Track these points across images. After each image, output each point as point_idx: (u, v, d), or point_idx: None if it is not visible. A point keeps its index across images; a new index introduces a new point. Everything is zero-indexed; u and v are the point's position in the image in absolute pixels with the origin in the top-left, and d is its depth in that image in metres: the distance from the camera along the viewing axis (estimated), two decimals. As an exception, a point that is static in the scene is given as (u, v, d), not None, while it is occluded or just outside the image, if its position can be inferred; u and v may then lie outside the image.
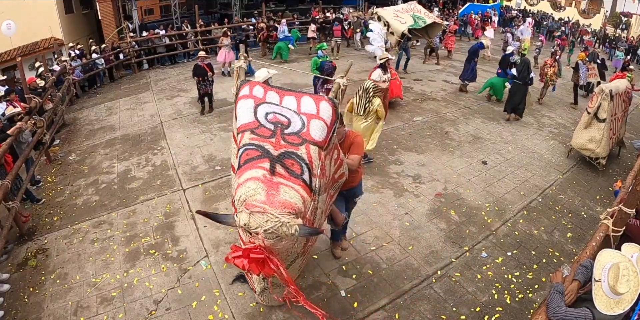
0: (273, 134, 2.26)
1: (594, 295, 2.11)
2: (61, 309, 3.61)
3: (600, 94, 5.90)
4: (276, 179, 2.08)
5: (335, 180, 2.88)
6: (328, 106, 2.46)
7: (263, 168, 2.10)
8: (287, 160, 2.17)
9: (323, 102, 2.46)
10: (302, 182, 2.14)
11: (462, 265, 4.11)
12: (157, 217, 4.87)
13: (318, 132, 2.34)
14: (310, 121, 2.37)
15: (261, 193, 2.00)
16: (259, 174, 2.07)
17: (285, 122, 2.34)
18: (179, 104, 8.94)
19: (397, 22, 10.33)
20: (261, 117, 2.34)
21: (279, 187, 2.04)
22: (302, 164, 2.17)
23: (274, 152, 2.18)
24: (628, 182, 3.83)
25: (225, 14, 17.01)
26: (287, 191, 2.04)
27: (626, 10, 21.05)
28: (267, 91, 2.50)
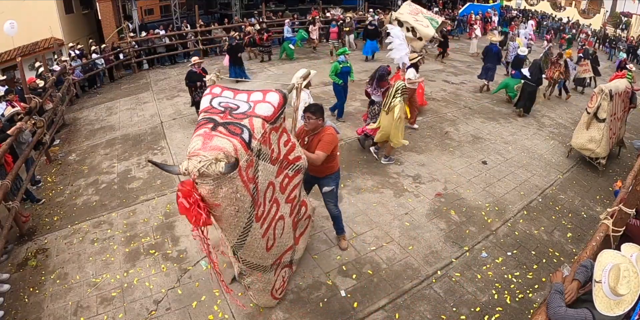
0: (222, 112, 2.67)
1: (594, 296, 2.10)
2: (61, 309, 3.61)
3: (600, 94, 5.90)
4: (214, 133, 2.42)
5: (289, 161, 3.17)
6: (275, 94, 2.85)
7: (207, 127, 2.48)
8: (229, 125, 2.51)
9: (270, 93, 2.85)
10: (239, 138, 2.43)
11: (462, 265, 4.11)
12: (157, 217, 4.87)
13: (263, 110, 2.72)
14: (257, 104, 2.76)
15: (199, 143, 2.34)
16: (201, 132, 2.45)
17: (234, 107, 2.74)
18: (179, 104, 8.94)
19: (421, 26, 9.54)
20: (215, 104, 2.78)
21: (213, 137, 2.38)
22: (243, 128, 2.50)
23: (219, 120, 2.57)
24: (628, 182, 3.83)
25: (225, 14, 17.02)
26: (219, 140, 2.36)
27: (626, 10, 21.07)
28: (223, 90, 2.90)
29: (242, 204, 2.57)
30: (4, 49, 12.11)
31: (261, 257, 3.06)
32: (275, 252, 3.26)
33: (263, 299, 3.44)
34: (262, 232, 2.94)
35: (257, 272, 3.17)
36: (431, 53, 13.56)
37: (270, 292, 3.38)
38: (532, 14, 23.03)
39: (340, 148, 6.48)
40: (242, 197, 2.55)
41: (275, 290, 3.44)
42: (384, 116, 5.60)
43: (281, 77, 10.54)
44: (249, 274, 3.19)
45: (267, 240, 3.04)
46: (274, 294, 3.44)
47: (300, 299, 3.65)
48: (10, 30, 9.76)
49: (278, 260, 3.35)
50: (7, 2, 12.00)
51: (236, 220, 2.62)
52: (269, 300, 3.45)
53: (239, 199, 2.52)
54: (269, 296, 3.41)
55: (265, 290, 3.35)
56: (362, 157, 6.25)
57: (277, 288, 3.48)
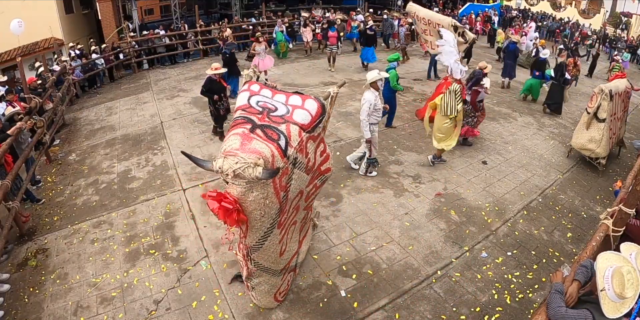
0: (260, 113, 2.64)
1: (601, 304, 2.10)
2: (61, 309, 3.61)
3: (600, 94, 5.90)
4: (252, 135, 2.40)
5: (321, 172, 3.13)
6: (314, 102, 2.81)
7: (245, 128, 2.46)
8: (267, 129, 2.48)
9: (309, 100, 2.81)
10: (276, 144, 2.41)
11: (462, 265, 4.11)
12: (157, 217, 4.87)
13: (301, 117, 2.68)
14: (295, 110, 2.72)
15: (237, 143, 2.33)
16: (239, 131, 2.43)
17: (272, 108, 2.69)
18: (179, 104, 8.94)
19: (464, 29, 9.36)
20: (253, 103, 2.72)
21: (252, 139, 2.37)
22: (280, 134, 2.48)
23: (257, 122, 2.54)
24: (628, 182, 3.83)
25: (225, 14, 17.02)
26: (258, 143, 2.35)
27: (626, 10, 21.07)
28: (262, 88, 2.87)
29: (269, 210, 2.56)
30: (4, 49, 12.12)
31: (274, 261, 3.06)
32: (286, 257, 3.27)
33: (265, 301, 3.43)
34: (279, 238, 2.94)
35: (267, 275, 3.15)
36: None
37: (274, 295, 3.39)
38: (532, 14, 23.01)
39: (341, 148, 6.50)
40: (271, 203, 2.53)
41: (279, 293, 3.45)
42: (442, 118, 5.63)
43: (282, 77, 10.54)
44: (257, 275, 3.15)
45: (282, 245, 3.06)
46: (277, 297, 3.44)
47: (300, 299, 3.65)
48: (17, 29, 9.76)
49: (287, 264, 3.36)
50: (7, 2, 12.00)
51: (259, 225, 2.61)
52: (270, 302, 3.45)
53: (267, 205, 2.51)
54: (271, 298, 3.41)
55: (269, 293, 3.34)
56: (362, 157, 6.25)
57: (282, 291, 3.49)
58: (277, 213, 2.66)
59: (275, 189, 2.51)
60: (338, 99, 3.95)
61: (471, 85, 6.38)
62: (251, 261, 2.99)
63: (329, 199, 5.13)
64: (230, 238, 2.71)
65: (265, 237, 2.74)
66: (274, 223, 2.70)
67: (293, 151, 2.57)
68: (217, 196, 2.33)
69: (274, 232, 2.77)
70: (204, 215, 4.85)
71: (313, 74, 11.07)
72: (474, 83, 6.37)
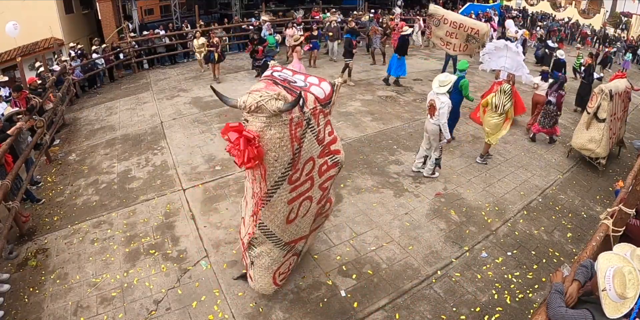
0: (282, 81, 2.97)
1: (602, 305, 2.10)
2: (61, 309, 3.61)
3: (600, 94, 5.90)
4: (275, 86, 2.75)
5: (331, 151, 3.26)
6: (327, 84, 3.15)
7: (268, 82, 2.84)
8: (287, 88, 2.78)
9: (324, 82, 3.16)
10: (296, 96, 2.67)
11: (462, 265, 4.11)
12: (157, 217, 4.87)
13: (316, 91, 3.00)
14: (312, 86, 3.04)
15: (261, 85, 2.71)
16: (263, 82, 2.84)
17: (292, 80, 3.04)
18: (179, 104, 8.94)
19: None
20: (275, 74, 3.08)
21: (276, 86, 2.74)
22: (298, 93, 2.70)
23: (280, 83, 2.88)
24: (628, 182, 3.83)
25: (225, 14, 17.01)
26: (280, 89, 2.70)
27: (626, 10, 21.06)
28: (284, 69, 3.23)
29: (283, 155, 2.69)
30: (4, 49, 12.11)
31: (279, 225, 3.06)
32: (292, 231, 3.24)
33: (263, 281, 3.40)
34: (289, 198, 2.96)
35: (270, 243, 3.14)
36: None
37: (273, 274, 3.36)
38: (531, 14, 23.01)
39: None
40: (285, 148, 2.68)
41: (278, 274, 3.42)
42: (491, 114, 5.87)
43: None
44: (259, 243, 3.14)
45: (290, 210, 3.05)
46: (275, 278, 3.41)
47: (300, 299, 3.65)
48: (12, 32, 9.77)
49: (293, 242, 3.34)
50: (7, 2, 12.00)
51: (271, 170, 2.72)
52: (268, 283, 3.42)
53: (281, 146, 2.65)
54: (270, 278, 3.38)
55: (269, 269, 3.31)
56: (362, 157, 6.25)
57: (282, 272, 3.46)
58: (289, 163, 2.77)
59: (291, 134, 2.67)
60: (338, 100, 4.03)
61: (557, 88, 6.79)
62: (257, 223, 3.00)
63: (329, 199, 5.13)
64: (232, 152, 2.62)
65: (276, 186, 2.81)
66: (286, 173, 2.79)
67: (308, 111, 2.81)
68: (239, 126, 2.50)
69: (284, 186, 2.84)
70: (204, 215, 4.85)
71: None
72: (559, 86, 6.81)
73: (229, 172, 5.84)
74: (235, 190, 5.37)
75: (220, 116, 8.00)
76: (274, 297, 3.65)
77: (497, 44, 7.89)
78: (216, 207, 5.02)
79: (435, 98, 5.09)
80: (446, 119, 5.10)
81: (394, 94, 9.50)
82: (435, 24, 10.17)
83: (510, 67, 7.60)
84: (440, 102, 5.03)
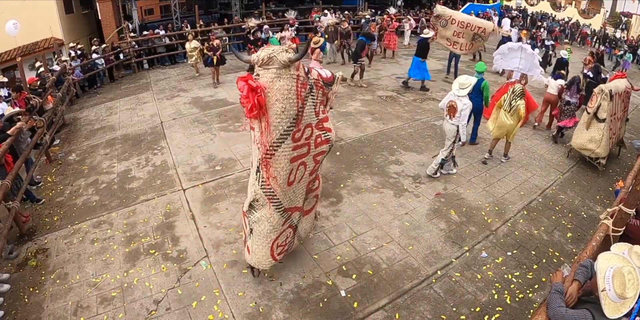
0: None
1: (602, 305, 2.10)
2: (61, 309, 3.61)
3: (600, 94, 5.90)
4: None
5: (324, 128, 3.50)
6: (329, 71, 3.65)
7: None
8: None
9: (325, 69, 3.73)
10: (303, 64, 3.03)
11: (462, 265, 4.11)
12: (157, 217, 4.87)
13: (319, 71, 3.48)
14: (315, 68, 3.62)
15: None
16: None
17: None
18: (179, 104, 8.94)
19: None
20: None
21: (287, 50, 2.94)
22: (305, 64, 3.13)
23: None
24: (628, 182, 3.83)
25: (225, 14, 17.00)
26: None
27: (626, 10, 21.05)
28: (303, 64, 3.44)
29: (289, 108, 2.92)
30: (4, 49, 12.10)
31: (280, 184, 3.17)
32: (291, 196, 3.36)
33: (261, 252, 3.42)
34: (291, 156, 3.13)
35: (270, 207, 3.22)
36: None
37: (271, 244, 3.38)
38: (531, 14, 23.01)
39: (341, 148, 6.50)
40: (291, 100, 2.92)
41: (276, 246, 3.44)
42: (504, 113, 5.96)
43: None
44: (260, 206, 3.22)
45: (291, 170, 3.20)
46: (273, 249, 3.42)
47: (300, 299, 3.65)
48: (12, 31, 9.77)
49: (290, 210, 3.40)
50: (7, 2, 11.99)
51: (277, 122, 2.91)
52: (266, 255, 3.43)
53: (289, 99, 2.89)
54: (268, 250, 3.40)
55: (267, 237, 3.35)
56: (362, 157, 6.26)
57: (280, 244, 3.48)
58: (294, 118, 2.99)
59: (297, 90, 2.94)
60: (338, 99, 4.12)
61: (577, 90, 6.98)
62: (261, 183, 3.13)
63: (329, 199, 5.13)
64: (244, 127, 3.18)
65: (281, 139, 2.99)
66: (290, 128, 3.00)
67: (312, 80, 3.16)
68: (247, 77, 2.77)
69: (287, 142, 3.02)
70: (204, 215, 4.85)
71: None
72: (578, 88, 7.01)
73: (229, 172, 5.84)
74: (235, 190, 5.37)
75: (220, 116, 8.00)
76: (274, 297, 3.65)
77: (512, 46, 8.10)
78: (216, 207, 5.02)
79: (456, 100, 5.18)
80: (466, 120, 5.23)
81: (394, 94, 9.50)
82: (443, 24, 10.29)
83: (524, 68, 7.77)
84: (463, 104, 5.13)
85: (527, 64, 7.84)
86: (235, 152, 6.43)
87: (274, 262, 3.58)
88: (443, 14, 10.28)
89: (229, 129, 7.35)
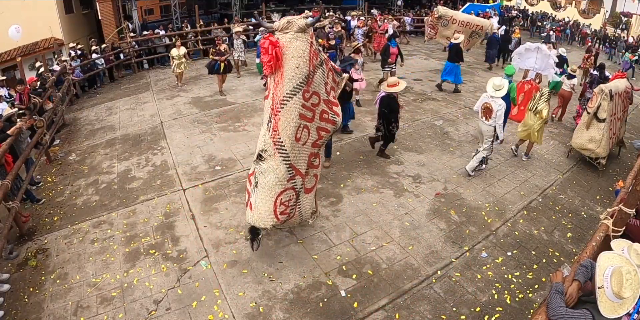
0: None
1: (598, 302, 2.10)
2: (61, 309, 3.61)
3: (600, 94, 5.90)
4: None
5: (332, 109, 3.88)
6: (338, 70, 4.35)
7: None
8: None
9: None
10: None
11: (462, 265, 4.11)
12: (157, 217, 4.87)
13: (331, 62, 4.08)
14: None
15: None
16: None
17: None
18: (179, 104, 8.94)
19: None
20: None
21: None
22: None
23: None
24: (628, 182, 3.83)
25: (225, 14, 17.00)
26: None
27: (626, 10, 21.03)
28: None
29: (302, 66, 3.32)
30: (4, 49, 12.09)
31: (289, 136, 3.40)
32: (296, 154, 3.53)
33: (264, 207, 3.44)
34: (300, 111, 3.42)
35: (277, 158, 3.39)
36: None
37: (275, 199, 3.42)
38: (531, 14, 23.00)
39: (341, 148, 6.49)
40: (305, 59, 3.34)
41: (279, 203, 3.46)
42: (531, 117, 6.14)
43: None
44: (268, 156, 3.39)
45: (298, 126, 3.47)
46: (276, 206, 3.44)
47: (300, 299, 3.65)
48: (15, 35, 9.78)
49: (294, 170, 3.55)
50: (7, 2, 11.99)
51: (292, 75, 3.30)
52: (269, 211, 3.43)
53: (303, 57, 3.32)
54: (271, 204, 3.42)
55: (272, 190, 3.41)
56: (362, 157, 6.25)
57: (283, 202, 3.50)
58: (306, 76, 3.37)
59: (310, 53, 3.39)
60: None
61: None
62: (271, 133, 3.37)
63: (329, 199, 5.13)
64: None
65: (294, 91, 3.34)
66: (302, 83, 3.36)
67: (323, 56, 3.74)
68: (269, 36, 3.23)
69: (298, 95, 3.36)
70: (204, 215, 4.85)
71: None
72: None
73: (229, 172, 5.84)
74: (235, 190, 5.37)
75: (221, 116, 8.00)
76: (274, 297, 3.65)
77: (529, 46, 8.44)
78: (216, 207, 5.02)
79: (491, 102, 5.35)
80: (502, 120, 5.49)
81: (394, 94, 9.48)
82: (444, 24, 10.83)
83: (539, 67, 8.17)
84: (498, 105, 5.32)
85: (542, 63, 8.18)
86: (235, 152, 6.43)
87: (275, 221, 3.52)
88: (445, 15, 10.75)
89: (229, 129, 7.35)
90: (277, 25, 3.31)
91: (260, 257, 4.13)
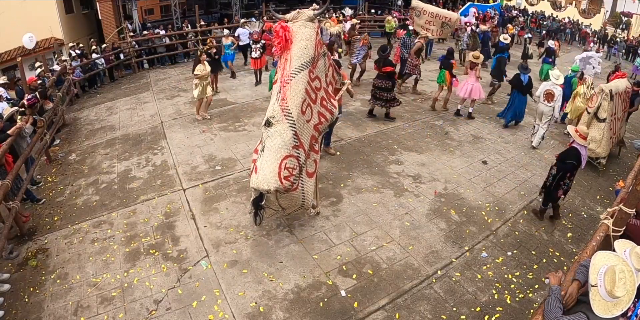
0: None
1: (591, 300, 2.09)
2: (61, 308, 3.61)
3: (601, 94, 5.90)
4: None
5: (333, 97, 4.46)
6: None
7: None
8: None
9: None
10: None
11: (462, 265, 4.11)
12: (157, 217, 4.88)
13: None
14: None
15: None
16: None
17: None
18: (179, 103, 8.94)
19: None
20: None
21: None
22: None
23: None
24: (628, 182, 3.83)
25: (225, 14, 17.00)
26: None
27: (626, 10, 21.03)
28: None
29: (310, 48, 3.76)
30: (4, 49, 12.10)
31: (296, 106, 3.63)
32: (301, 124, 3.73)
33: (268, 168, 3.45)
34: (306, 86, 3.75)
35: (284, 123, 3.56)
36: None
37: (279, 162, 3.47)
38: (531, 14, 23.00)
39: (341, 148, 6.50)
40: (311, 42, 3.79)
41: (284, 166, 3.49)
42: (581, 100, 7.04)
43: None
44: (277, 121, 3.55)
45: (304, 100, 3.74)
46: (281, 169, 3.46)
47: (301, 298, 3.65)
48: (28, 44, 9.80)
49: (299, 139, 3.69)
50: (7, 2, 11.98)
51: (300, 53, 3.71)
52: (273, 172, 3.43)
53: (310, 40, 3.79)
54: (276, 166, 3.44)
55: (278, 153, 3.48)
56: (363, 157, 6.26)
57: (287, 167, 3.52)
58: (312, 57, 3.78)
59: (316, 40, 3.87)
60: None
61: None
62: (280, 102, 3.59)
63: (329, 199, 5.13)
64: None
65: (302, 67, 3.69)
66: (309, 62, 3.75)
67: (325, 49, 4.25)
68: (282, 21, 3.78)
69: (304, 72, 3.71)
70: (204, 215, 4.85)
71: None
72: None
73: (229, 172, 5.84)
74: (235, 190, 5.37)
75: (221, 116, 8.00)
76: (274, 297, 3.65)
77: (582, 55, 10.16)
78: (216, 207, 5.02)
79: (553, 88, 6.48)
80: (560, 102, 6.61)
81: (394, 93, 9.48)
82: (417, 14, 12.42)
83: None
84: (559, 91, 6.49)
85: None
86: (235, 152, 6.43)
87: (279, 184, 3.44)
88: (417, 6, 12.55)
89: (229, 129, 7.35)
90: (288, 17, 3.85)
91: (260, 257, 4.14)
